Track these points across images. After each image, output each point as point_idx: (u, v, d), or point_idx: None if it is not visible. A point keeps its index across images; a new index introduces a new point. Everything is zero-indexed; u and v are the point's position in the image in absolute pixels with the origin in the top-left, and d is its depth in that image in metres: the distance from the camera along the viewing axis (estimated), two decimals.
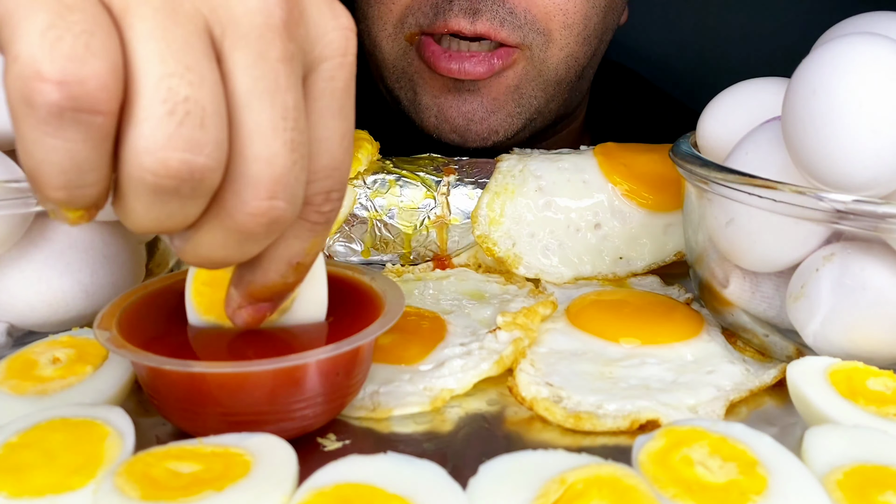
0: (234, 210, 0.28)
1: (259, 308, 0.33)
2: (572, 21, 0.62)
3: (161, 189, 0.26)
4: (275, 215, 0.28)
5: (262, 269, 0.31)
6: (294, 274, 0.32)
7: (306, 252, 0.31)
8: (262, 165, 0.27)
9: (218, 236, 0.29)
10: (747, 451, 0.31)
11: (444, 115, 0.62)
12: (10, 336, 0.42)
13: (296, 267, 0.31)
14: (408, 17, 0.61)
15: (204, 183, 0.27)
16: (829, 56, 0.36)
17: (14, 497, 0.28)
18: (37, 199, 0.27)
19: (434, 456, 0.33)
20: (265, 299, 0.33)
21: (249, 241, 0.29)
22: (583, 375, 0.40)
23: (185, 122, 0.25)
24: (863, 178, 0.35)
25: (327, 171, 0.30)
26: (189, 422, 0.34)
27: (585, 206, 0.53)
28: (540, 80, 0.63)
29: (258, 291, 0.32)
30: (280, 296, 0.33)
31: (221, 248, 0.29)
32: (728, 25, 1.03)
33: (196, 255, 0.29)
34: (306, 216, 0.30)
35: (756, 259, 0.41)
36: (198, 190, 0.27)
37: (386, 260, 0.55)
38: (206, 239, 0.29)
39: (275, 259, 0.31)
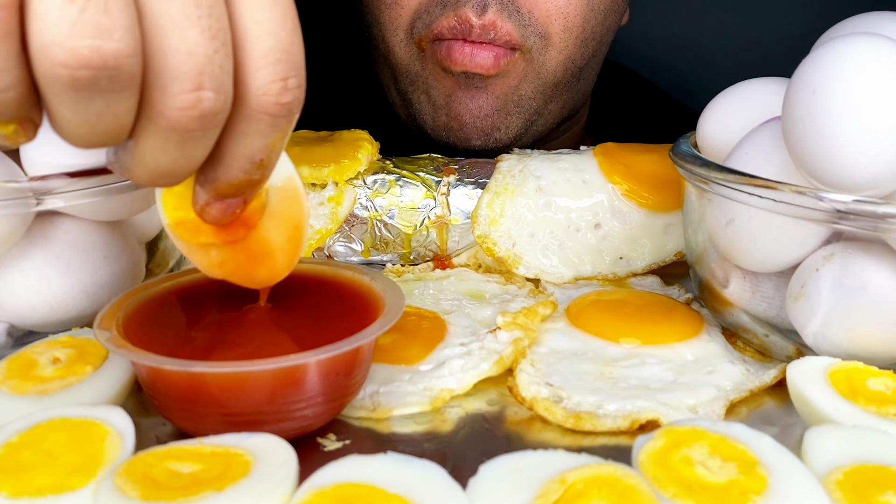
0: (163, 107, 0.27)
1: (227, 204, 0.32)
2: (572, 24, 0.62)
3: (78, 83, 0.26)
4: (205, 107, 0.27)
5: (225, 167, 0.31)
6: (258, 171, 0.31)
7: (269, 148, 0.30)
8: (182, 57, 0.27)
9: (156, 141, 0.28)
10: (747, 451, 0.31)
11: (454, 112, 0.63)
12: (10, 336, 0.42)
13: (259, 164, 0.31)
14: (417, 22, 0.62)
15: (121, 71, 0.26)
16: (829, 56, 0.36)
17: (14, 497, 0.28)
18: None
19: (434, 456, 0.33)
20: (231, 195, 0.32)
21: (188, 141, 0.28)
22: (583, 375, 0.40)
23: (87, 8, 0.25)
24: (863, 178, 0.35)
25: (275, 55, 0.29)
26: (189, 422, 0.34)
27: (585, 206, 0.53)
28: (538, 83, 0.64)
29: (223, 188, 0.31)
30: (247, 191, 0.32)
31: (163, 152, 0.28)
32: (728, 25, 1.03)
33: (143, 167, 0.29)
34: (264, 108, 0.29)
35: (756, 259, 0.41)
36: (116, 80, 0.26)
37: (386, 260, 0.55)
38: (147, 147, 0.28)
39: (236, 156, 0.30)
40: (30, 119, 0.27)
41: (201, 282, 0.39)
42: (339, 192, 0.53)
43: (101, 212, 0.42)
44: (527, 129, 0.66)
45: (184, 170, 0.30)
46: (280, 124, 0.30)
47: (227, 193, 0.32)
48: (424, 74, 0.64)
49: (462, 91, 0.63)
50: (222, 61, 0.27)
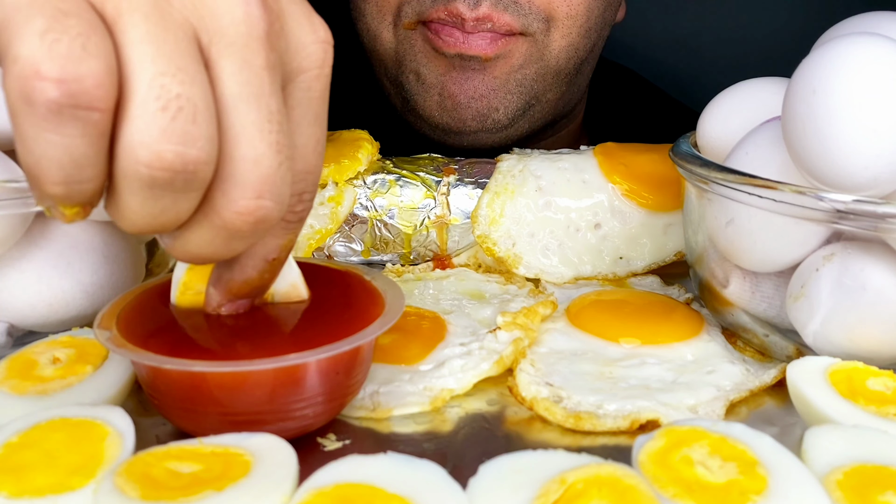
0: (223, 209, 0.29)
1: (238, 306, 0.35)
2: (576, 12, 0.62)
3: (156, 182, 0.27)
4: (261, 214, 0.29)
5: (241, 267, 0.33)
6: (269, 270, 0.34)
7: (281, 249, 0.33)
8: (250, 166, 0.29)
9: (206, 234, 0.30)
10: (747, 451, 0.31)
11: (448, 91, 0.63)
12: (10, 336, 0.42)
13: (271, 263, 0.33)
14: (404, 6, 0.62)
15: (197, 176, 0.28)
16: (829, 56, 0.36)
17: (14, 497, 0.28)
18: (35, 196, 0.28)
19: (434, 456, 0.33)
20: (243, 295, 0.34)
21: (236, 239, 0.30)
22: (583, 375, 0.40)
23: (178, 117, 0.27)
24: (863, 178, 0.35)
25: (302, 175, 0.32)
26: (189, 422, 0.34)
27: (585, 206, 0.53)
28: (541, 65, 0.63)
29: (237, 288, 0.34)
30: (257, 292, 0.35)
31: (209, 245, 0.30)
32: (728, 25, 1.03)
33: (185, 251, 0.31)
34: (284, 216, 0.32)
35: (756, 259, 0.41)
36: (191, 183, 0.28)
37: (386, 260, 0.55)
38: (195, 237, 0.30)
39: (252, 256, 0.33)
40: (92, 205, 0.29)
41: None
42: (339, 192, 0.53)
43: (101, 212, 0.42)
44: (524, 111, 0.65)
45: (221, 258, 0.32)
46: (291, 228, 0.33)
47: (239, 293, 0.34)
48: (413, 53, 0.63)
49: (457, 71, 0.62)
50: (284, 174, 0.29)
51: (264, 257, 0.33)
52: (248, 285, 0.34)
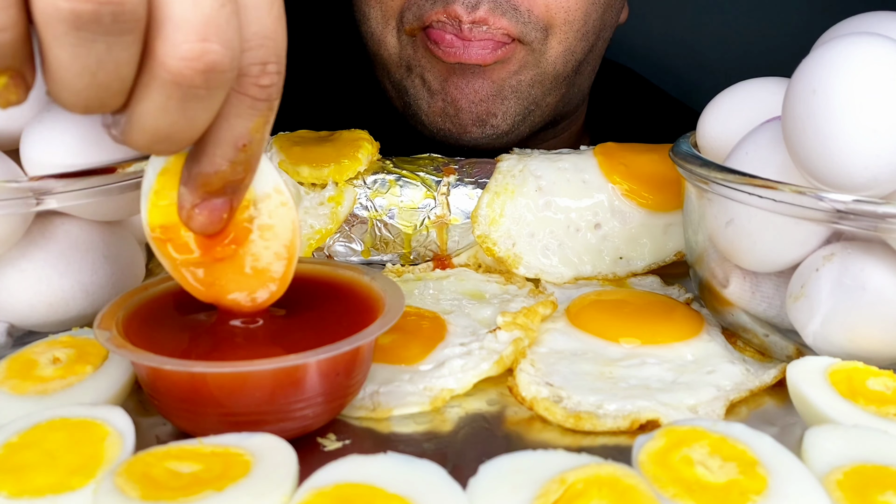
0: (167, 57, 0.27)
1: (214, 206, 0.32)
2: (573, 17, 0.62)
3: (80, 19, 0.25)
4: (210, 59, 0.27)
5: (208, 156, 0.30)
6: (243, 161, 0.31)
7: (251, 132, 0.30)
8: (188, 5, 0.26)
9: (157, 98, 0.28)
10: (747, 451, 0.31)
11: (450, 96, 0.63)
12: (10, 336, 0.42)
13: (243, 149, 0.30)
14: (406, 12, 0.62)
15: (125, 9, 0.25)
16: (829, 56, 0.36)
17: (14, 497, 0.28)
18: None
19: (434, 456, 0.33)
20: (217, 191, 0.31)
21: (191, 100, 0.28)
22: (583, 375, 0.40)
23: None
24: (863, 178, 0.35)
25: (258, 40, 0.29)
26: (189, 422, 0.34)
27: (585, 206, 0.53)
28: (538, 72, 0.64)
29: (208, 181, 0.31)
30: (232, 188, 0.32)
31: (164, 113, 0.28)
32: (728, 25, 1.03)
33: (142, 130, 0.28)
34: (244, 89, 0.29)
35: (756, 259, 0.41)
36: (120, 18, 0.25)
37: (386, 260, 0.55)
38: (147, 106, 0.28)
39: (219, 142, 0.30)
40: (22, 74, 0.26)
41: None
42: (339, 192, 0.53)
43: (101, 212, 0.42)
44: (524, 117, 0.65)
45: (184, 135, 0.29)
46: (260, 108, 0.30)
47: (212, 189, 0.31)
48: (417, 58, 0.64)
49: (458, 76, 0.63)
50: (228, 16, 0.27)
51: (233, 143, 0.30)
52: (221, 178, 0.31)
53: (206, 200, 0.32)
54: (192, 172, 0.31)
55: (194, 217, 0.32)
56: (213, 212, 0.32)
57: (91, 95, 0.27)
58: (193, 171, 0.31)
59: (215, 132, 0.30)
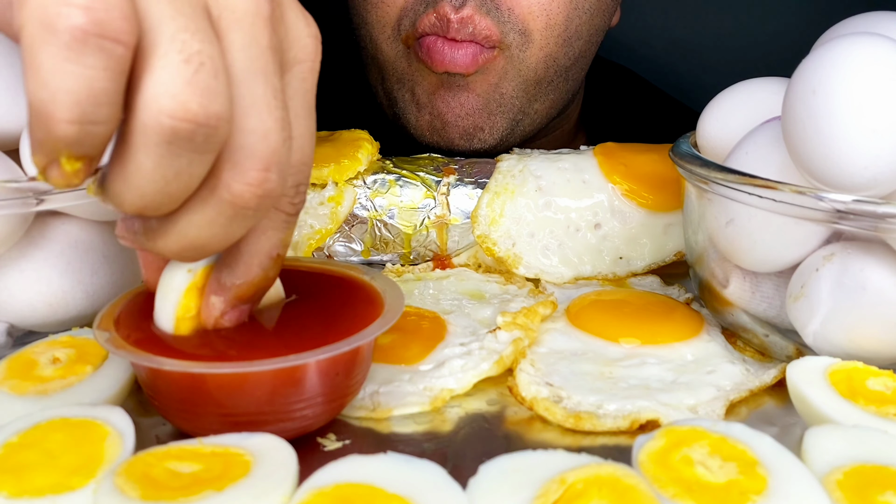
0: (232, 180, 0.29)
1: (241, 311, 0.34)
2: (554, 22, 0.62)
3: (177, 135, 0.27)
4: (268, 188, 0.29)
5: (246, 265, 0.33)
6: (274, 267, 0.33)
7: (283, 243, 0.33)
8: (259, 138, 0.29)
9: (209, 213, 0.29)
10: (747, 451, 0.31)
11: (437, 110, 0.64)
12: (10, 336, 0.42)
13: (275, 259, 0.33)
14: (403, 20, 0.63)
15: (217, 132, 0.27)
16: (829, 56, 0.36)
17: (14, 497, 0.28)
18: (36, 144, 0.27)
19: (434, 456, 0.33)
20: (248, 298, 0.34)
21: (238, 218, 0.30)
22: (583, 375, 0.40)
23: (201, 72, 0.27)
24: (863, 178, 0.35)
25: (299, 167, 0.32)
26: (189, 422, 0.34)
27: (585, 206, 0.53)
28: (519, 80, 0.64)
29: (244, 290, 0.33)
30: (259, 294, 0.34)
31: (209, 226, 0.30)
32: (728, 25, 1.03)
33: (181, 238, 0.30)
34: (282, 207, 0.32)
35: (756, 259, 0.41)
36: (211, 139, 0.27)
37: (386, 260, 0.55)
38: (196, 218, 0.30)
39: (257, 253, 0.32)
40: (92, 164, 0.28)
41: None
42: (339, 192, 0.53)
43: (101, 212, 0.42)
44: (512, 129, 0.66)
45: (215, 247, 0.31)
46: (291, 222, 0.33)
47: (245, 295, 0.34)
48: (410, 72, 0.64)
49: (445, 90, 0.63)
50: (287, 151, 0.30)
51: (268, 253, 0.33)
52: (253, 287, 0.33)
53: (235, 308, 0.34)
54: (227, 283, 0.33)
55: (221, 323, 0.34)
56: (239, 316, 0.34)
57: (154, 201, 0.29)
58: (228, 282, 0.33)
59: (254, 245, 0.32)
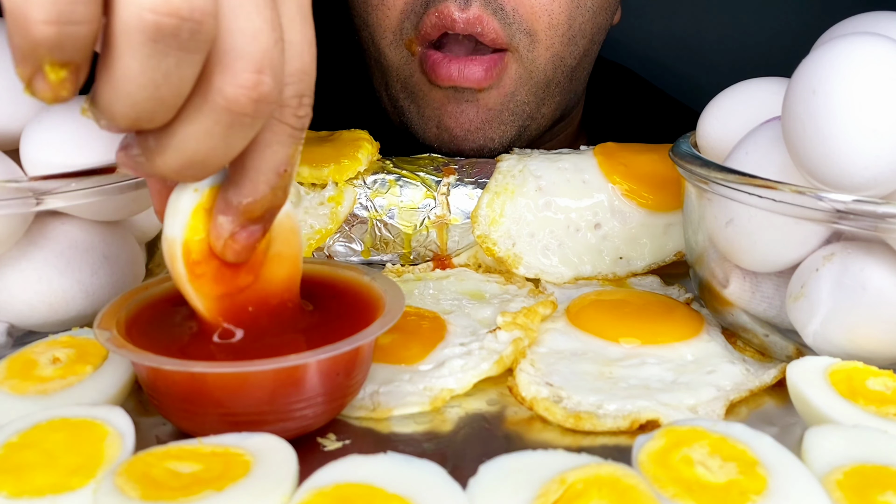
0: (223, 84, 0.28)
1: (251, 232, 0.33)
2: (557, 21, 0.62)
3: (161, 31, 0.26)
4: (263, 91, 0.29)
5: (252, 182, 0.32)
6: (281, 185, 0.32)
7: (290, 159, 0.32)
8: (249, 38, 0.28)
9: (205, 122, 0.29)
10: (747, 451, 0.31)
11: (444, 124, 0.63)
12: (10, 336, 0.42)
13: (283, 175, 0.32)
14: (404, 22, 0.62)
15: (202, 27, 0.27)
16: (829, 56, 0.36)
17: (14, 497, 0.28)
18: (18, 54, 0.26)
19: (434, 456, 0.33)
20: (258, 218, 0.33)
21: (237, 127, 0.29)
22: (583, 375, 0.40)
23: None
24: (863, 178, 0.35)
25: (299, 75, 0.31)
26: (189, 422, 0.34)
27: (585, 206, 0.53)
28: (531, 83, 0.63)
29: (252, 209, 0.32)
30: (270, 213, 0.33)
31: (208, 137, 0.29)
32: (728, 25, 1.03)
33: (180, 152, 0.29)
34: (285, 119, 0.31)
35: (756, 259, 0.41)
36: (196, 36, 0.27)
37: (386, 260, 0.55)
38: (193, 129, 0.29)
39: (264, 169, 0.32)
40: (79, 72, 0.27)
41: None
42: (339, 192, 0.53)
43: (101, 212, 0.42)
44: (520, 134, 0.65)
45: (216, 161, 0.30)
46: (297, 136, 0.32)
47: (254, 214, 0.33)
48: (413, 83, 0.64)
49: (452, 105, 0.62)
50: (279, 54, 0.29)
51: (275, 169, 0.32)
52: (262, 205, 0.32)
53: (245, 228, 0.33)
54: (234, 202, 0.32)
55: (231, 246, 0.33)
56: (250, 238, 0.33)
57: (146, 108, 0.28)
58: (235, 200, 0.32)
59: (259, 160, 0.31)
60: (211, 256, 0.33)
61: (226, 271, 0.34)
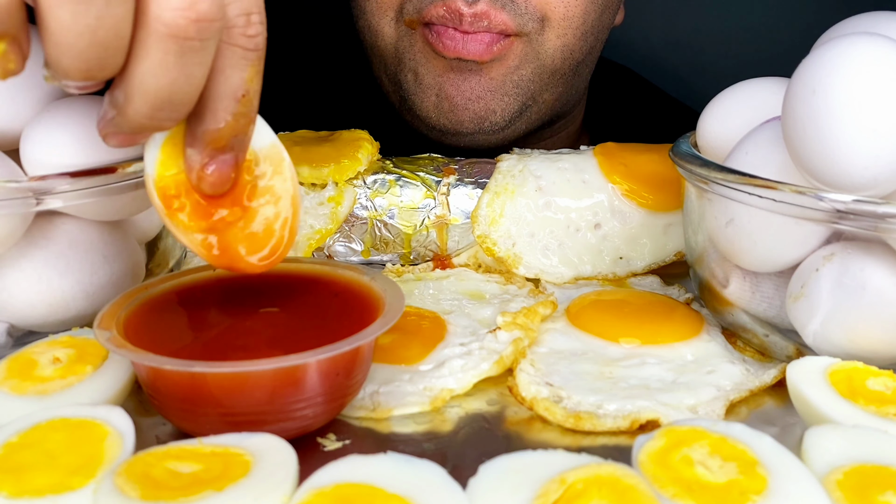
0: (161, 10, 0.28)
1: (222, 162, 0.33)
2: (573, 14, 0.62)
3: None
4: (201, 10, 0.28)
5: (211, 111, 0.32)
6: (243, 112, 0.32)
7: (247, 81, 0.31)
8: None
9: (156, 55, 0.29)
10: (747, 451, 0.31)
11: (445, 92, 0.63)
12: (10, 336, 0.42)
13: (242, 100, 0.32)
14: (406, 4, 0.62)
15: None
16: (829, 56, 0.36)
17: (14, 497, 0.28)
18: None
19: (434, 456, 0.33)
20: (225, 146, 0.33)
21: (187, 54, 0.29)
22: (583, 375, 0.40)
23: None
24: (863, 178, 0.35)
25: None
26: (189, 422, 0.34)
27: (585, 206, 0.53)
28: (537, 64, 0.63)
29: (216, 138, 0.32)
30: (237, 140, 0.33)
31: (163, 70, 0.29)
32: (728, 25, 1.03)
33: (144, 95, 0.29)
34: (234, 40, 0.31)
35: (756, 259, 0.41)
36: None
37: (386, 260, 0.55)
38: (147, 65, 0.29)
39: (220, 96, 0.31)
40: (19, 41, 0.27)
41: (202, 282, 0.39)
42: (339, 192, 0.53)
43: (101, 212, 0.42)
44: (521, 112, 0.65)
45: (184, 96, 0.30)
46: (251, 57, 0.31)
47: (219, 145, 0.32)
48: (412, 52, 0.63)
49: (454, 73, 0.62)
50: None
51: (233, 95, 0.31)
52: (226, 132, 0.32)
53: (214, 158, 0.33)
54: (198, 132, 0.32)
55: (205, 177, 0.33)
56: (222, 168, 0.33)
57: (92, 56, 0.28)
58: (198, 131, 0.32)
59: (214, 87, 0.31)
60: (189, 191, 0.33)
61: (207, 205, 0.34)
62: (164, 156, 0.33)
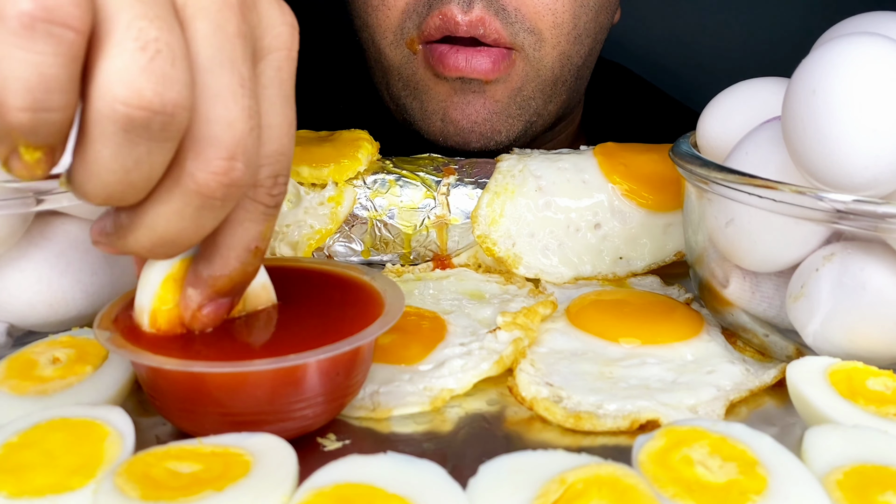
0: (196, 170, 0.29)
1: (219, 305, 0.33)
2: (562, 20, 0.62)
3: (132, 123, 0.26)
4: (234, 177, 0.29)
5: (223, 258, 0.32)
6: (252, 261, 0.33)
7: (262, 236, 0.32)
8: (223, 127, 0.28)
9: (176, 203, 0.29)
10: (747, 451, 0.31)
11: (450, 117, 0.63)
12: (10, 336, 0.42)
13: (254, 252, 0.32)
14: (406, 22, 0.62)
15: (174, 120, 0.27)
16: (829, 56, 0.36)
17: (14, 497, 0.28)
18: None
19: (434, 456, 0.33)
20: (226, 292, 0.33)
21: (207, 209, 0.29)
22: (583, 375, 0.40)
23: (157, 59, 0.26)
24: (863, 178, 0.35)
25: (275, 157, 0.31)
26: (189, 422, 0.34)
27: (585, 206, 0.53)
28: (539, 81, 0.63)
29: (221, 284, 0.33)
30: (240, 287, 0.34)
31: (178, 217, 0.29)
32: (728, 25, 1.03)
33: (151, 231, 0.30)
34: (258, 198, 0.31)
35: (756, 259, 0.41)
36: (168, 128, 0.27)
37: (386, 260, 0.55)
38: (163, 210, 0.29)
39: (234, 246, 0.32)
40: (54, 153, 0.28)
41: None
42: (339, 192, 0.53)
43: (99, 211, 0.42)
44: (526, 130, 0.65)
45: (187, 241, 0.31)
46: (270, 214, 0.32)
47: (223, 289, 0.33)
48: (415, 80, 0.64)
49: (458, 96, 0.62)
50: (255, 140, 0.29)
51: (246, 246, 0.32)
52: (231, 280, 0.33)
53: (212, 301, 0.33)
54: (203, 275, 0.33)
55: (199, 317, 0.34)
56: (218, 311, 0.34)
57: (117, 191, 0.28)
58: (204, 274, 0.33)
59: (230, 236, 0.32)
60: (177, 325, 0.34)
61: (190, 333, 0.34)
62: (163, 291, 0.34)
